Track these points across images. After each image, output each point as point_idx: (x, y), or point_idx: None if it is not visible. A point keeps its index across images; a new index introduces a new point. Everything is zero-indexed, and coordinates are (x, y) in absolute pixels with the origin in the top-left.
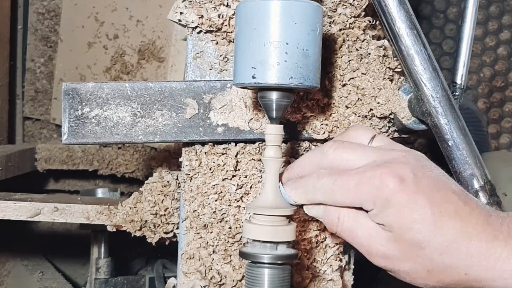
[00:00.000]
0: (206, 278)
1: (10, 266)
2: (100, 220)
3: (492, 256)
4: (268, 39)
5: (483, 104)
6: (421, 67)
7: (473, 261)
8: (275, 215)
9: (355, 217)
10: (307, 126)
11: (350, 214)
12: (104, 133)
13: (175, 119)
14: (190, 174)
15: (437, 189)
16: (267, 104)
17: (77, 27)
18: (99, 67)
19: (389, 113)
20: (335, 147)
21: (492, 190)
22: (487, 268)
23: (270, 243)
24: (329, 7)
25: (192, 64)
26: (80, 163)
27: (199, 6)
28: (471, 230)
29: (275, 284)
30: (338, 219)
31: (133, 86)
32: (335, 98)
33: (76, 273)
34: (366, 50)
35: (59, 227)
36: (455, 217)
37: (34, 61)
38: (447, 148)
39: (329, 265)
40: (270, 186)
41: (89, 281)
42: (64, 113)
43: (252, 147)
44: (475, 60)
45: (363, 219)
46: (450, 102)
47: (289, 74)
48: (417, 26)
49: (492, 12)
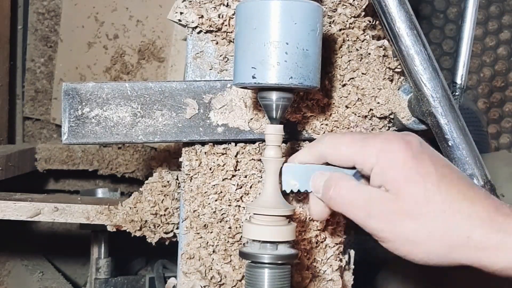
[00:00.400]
0: (206, 278)
1: (10, 266)
2: (100, 220)
3: (494, 222)
4: (268, 39)
5: (483, 104)
6: (421, 67)
7: (476, 223)
8: (275, 215)
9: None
10: (307, 126)
11: (350, 180)
12: (104, 133)
13: (175, 119)
14: (190, 174)
15: (441, 159)
16: (267, 104)
17: (77, 27)
18: (99, 67)
19: (389, 113)
20: (330, 136)
21: (492, 190)
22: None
23: (270, 243)
24: (329, 7)
25: (192, 64)
26: (80, 163)
27: (199, 6)
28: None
29: (275, 284)
30: (337, 184)
31: (133, 86)
32: (335, 98)
33: (76, 273)
34: (366, 50)
35: (59, 227)
36: (458, 182)
37: (34, 61)
38: (447, 148)
39: (329, 265)
40: (270, 186)
41: (89, 281)
42: (64, 113)
43: (252, 147)
44: (475, 60)
45: (362, 185)
46: (450, 102)
47: (289, 74)
48: (417, 26)
49: (492, 12)
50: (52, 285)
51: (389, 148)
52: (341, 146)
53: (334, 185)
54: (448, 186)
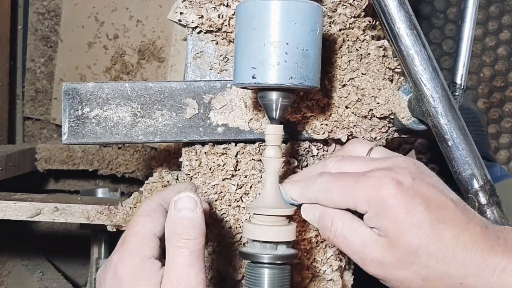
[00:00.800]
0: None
1: (10, 266)
2: (100, 220)
3: (488, 267)
4: (268, 39)
5: (483, 104)
6: (421, 67)
7: (469, 271)
8: (275, 215)
9: (350, 223)
10: (307, 126)
11: (345, 220)
12: (104, 133)
13: (175, 119)
14: (190, 174)
15: (435, 196)
16: (267, 104)
17: (77, 27)
18: (99, 67)
19: (389, 113)
20: (336, 161)
21: (492, 190)
22: (483, 278)
23: (270, 243)
24: (329, 7)
25: (192, 64)
26: (80, 163)
27: (199, 6)
28: (467, 239)
29: (275, 284)
30: (332, 224)
31: (133, 86)
32: (335, 98)
33: (76, 273)
34: (366, 50)
35: (59, 227)
36: (452, 225)
37: (34, 61)
38: (447, 148)
39: (329, 265)
40: (270, 186)
41: (89, 281)
42: (64, 113)
43: (252, 147)
44: (475, 60)
45: (357, 226)
46: (450, 102)
47: (289, 74)
48: (417, 26)
49: (492, 12)
50: (52, 285)
51: (379, 195)
52: (332, 192)
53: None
54: (442, 232)
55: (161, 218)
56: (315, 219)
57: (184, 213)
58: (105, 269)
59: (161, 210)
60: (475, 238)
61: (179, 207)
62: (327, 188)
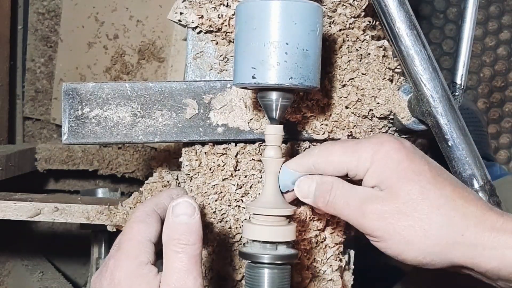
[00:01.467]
0: (206, 278)
1: (10, 266)
2: (100, 220)
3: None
4: (268, 39)
5: (483, 104)
6: (421, 67)
7: (470, 222)
8: (275, 215)
9: (350, 185)
10: (307, 126)
11: (344, 183)
12: (104, 133)
13: (175, 119)
14: (190, 174)
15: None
16: (267, 104)
17: (77, 27)
18: (99, 67)
19: (389, 113)
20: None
21: (492, 190)
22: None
23: (270, 243)
24: (329, 7)
25: (192, 64)
26: (80, 163)
27: (199, 6)
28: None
29: (275, 284)
30: (332, 187)
31: (133, 86)
32: (335, 99)
33: (76, 273)
34: (366, 51)
35: (59, 227)
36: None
37: (34, 61)
38: (447, 148)
39: (329, 265)
40: (270, 186)
41: (89, 281)
42: (64, 113)
43: (252, 147)
44: (475, 60)
45: (357, 186)
46: (450, 102)
47: (289, 74)
48: (417, 26)
49: (492, 12)
50: (52, 285)
51: (383, 149)
52: (332, 155)
53: (331, 188)
54: (443, 184)
55: (155, 224)
56: (311, 191)
57: (182, 219)
58: (100, 275)
59: (155, 216)
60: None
61: (177, 213)
62: (325, 152)
